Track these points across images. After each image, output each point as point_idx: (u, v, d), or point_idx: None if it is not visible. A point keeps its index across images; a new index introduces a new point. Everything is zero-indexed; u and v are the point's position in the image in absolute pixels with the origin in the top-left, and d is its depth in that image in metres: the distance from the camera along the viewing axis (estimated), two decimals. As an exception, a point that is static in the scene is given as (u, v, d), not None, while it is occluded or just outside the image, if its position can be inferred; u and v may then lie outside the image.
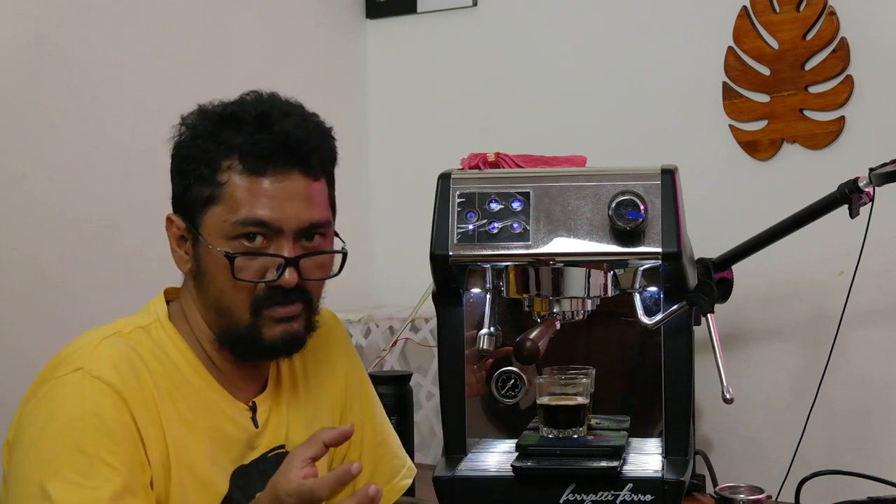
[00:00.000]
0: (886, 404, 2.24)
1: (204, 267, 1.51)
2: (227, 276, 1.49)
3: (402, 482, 1.80)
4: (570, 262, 1.81)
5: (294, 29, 2.73)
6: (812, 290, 2.30)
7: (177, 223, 1.54)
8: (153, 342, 1.52)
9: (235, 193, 1.49)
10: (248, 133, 1.50)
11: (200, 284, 1.53)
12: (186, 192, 1.52)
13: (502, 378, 2.00)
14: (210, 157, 1.50)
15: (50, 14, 2.20)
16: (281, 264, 1.50)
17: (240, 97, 1.56)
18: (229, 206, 1.49)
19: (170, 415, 1.48)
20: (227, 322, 1.52)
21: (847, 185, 1.96)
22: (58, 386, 1.44)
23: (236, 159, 1.49)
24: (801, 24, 2.29)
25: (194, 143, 1.52)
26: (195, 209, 1.51)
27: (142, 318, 1.56)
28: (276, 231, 1.49)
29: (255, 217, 1.48)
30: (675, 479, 1.79)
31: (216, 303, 1.52)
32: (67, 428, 1.40)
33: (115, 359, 1.46)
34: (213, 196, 1.50)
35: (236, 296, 1.50)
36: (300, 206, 1.51)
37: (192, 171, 1.51)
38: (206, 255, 1.51)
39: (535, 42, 2.65)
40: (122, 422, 1.43)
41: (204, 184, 1.50)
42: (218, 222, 1.49)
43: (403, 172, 2.82)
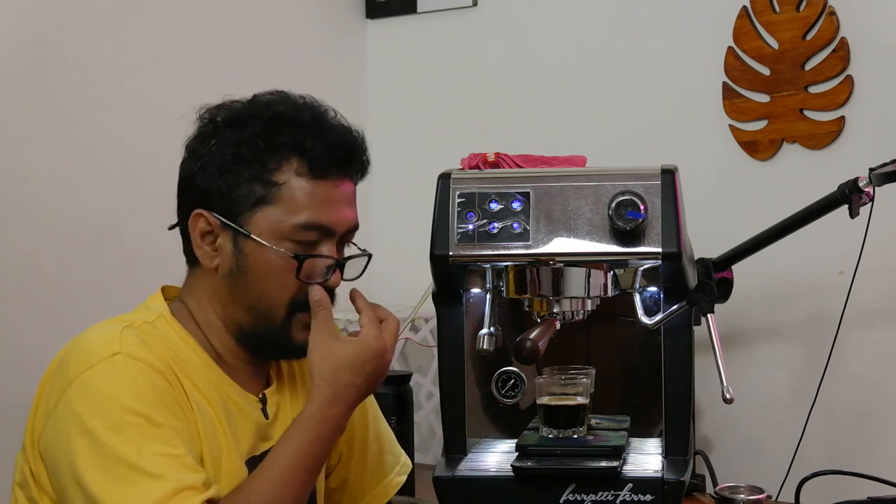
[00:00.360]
0: (886, 404, 2.24)
1: (249, 265, 1.51)
2: (281, 276, 1.51)
3: (396, 478, 1.80)
4: (570, 262, 1.81)
5: (294, 29, 2.73)
6: (812, 290, 2.30)
7: (208, 219, 1.52)
8: (161, 336, 1.52)
9: (296, 196, 1.51)
10: (310, 136, 1.52)
11: (236, 282, 1.53)
12: (231, 190, 1.51)
13: (502, 378, 2.00)
14: (265, 157, 1.51)
15: (50, 14, 2.20)
16: (332, 266, 1.55)
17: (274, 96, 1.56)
18: (288, 207, 1.50)
19: (195, 396, 1.49)
20: (260, 321, 1.54)
21: (847, 185, 1.96)
22: (100, 372, 1.41)
23: (298, 161, 1.51)
24: (801, 24, 2.29)
25: (247, 142, 1.51)
26: (240, 207, 1.51)
27: (144, 314, 1.55)
28: (328, 234, 1.54)
29: (318, 221, 1.52)
30: (675, 479, 1.79)
31: (255, 301, 1.53)
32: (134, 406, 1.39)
33: (141, 344, 1.46)
34: (267, 196, 1.50)
35: (282, 295, 1.52)
36: (348, 210, 1.57)
37: (242, 169, 1.51)
38: (255, 253, 1.51)
39: (535, 42, 2.65)
40: (173, 397, 1.44)
41: (256, 183, 1.50)
42: (273, 222, 1.50)
43: (403, 172, 2.81)
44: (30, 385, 1.51)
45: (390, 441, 1.82)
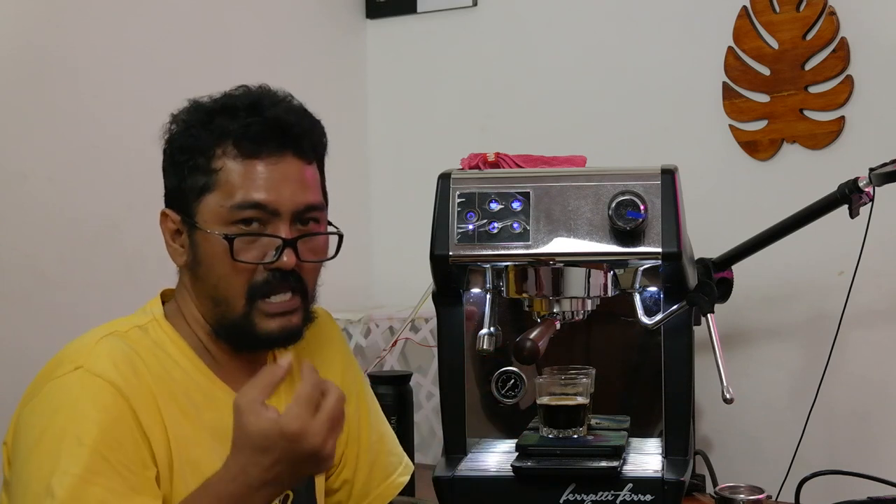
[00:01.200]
0: (886, 404, 2.24)
1: (201, 255, 1.52)
2: (225, 261, 1.49)
3: (399, 479, 1.80)
4: (570, 262, 1.81)
5: (294, 29, 2.73)
6: (812, 290, 2.30)
7: (171, 217, 1.55)
8: (151, 341, 1.52)
9: (231, 178, 1.50)
10: (241, 119, 1.51)
11: (196, 275, 1.54)
12: (181, 184, 1.53)
13: (502, 378, 2.00)
14: (203, 145, 1.51)
15: (50, 14, 2.20)
16: (279, 245, 1.50)
17: (230, 90, 1.58)
18: (225, 191, 1.50)
19: (171, 412, 1.48)
20: (223, 311, 1.53)
21: (847, 185, 1.96)
22: (58, 385, 1.44)
23: (230, 145, 1.51)
24: (801, 24, 2.29)
25: (187, 134, 1.53)
26: (190, 199, 1.52)
27: (138, 318, 1.56)
28: (272, 213, 1.51)
29: (252, 199, 1.50)
30: (675, 479, 1.79)
31: (213, 291, 1.52)
32: (70, 425, 1.40)
33: (114, 357, 1.46)
34: (208, 184, 1.51)
35: (234, 281, 1.51)
36: (295, 189, 1.52)
37: (186, 161, 1.52)
38: (203, 242, 1.51)
39: (535, 42, 2.65)
40: (122, 419, 1.43)
41: (198, 173, 1.51)
42: (214, 208, 1.50)
43: (403, 172, 2.82)
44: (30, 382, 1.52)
45: (392, 442, 1.82)
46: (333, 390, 1.38)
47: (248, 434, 1.35)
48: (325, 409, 1.36)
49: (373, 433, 1.77)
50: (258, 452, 1.35)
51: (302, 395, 1.36)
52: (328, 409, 1.36)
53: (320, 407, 1.36)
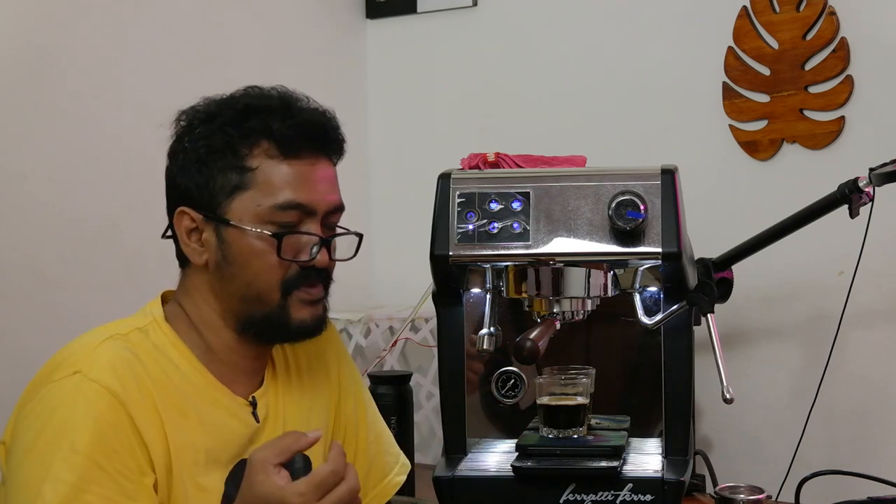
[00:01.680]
0: (886, 404, 2.24)
1: (233, 253, 1.52)
2: (265, 258, 1.51)
3: (396, 478, 1.80)
4: (570, 262, 1.81)
5: (294, 29, 2.73)
6: (812, 290, 2.30)
7: (191, 215, 1.53)
8: (151, 344, 1.52)
9: (271, 178, 1.51)
10: (278, 118, 1.52)
11: (224, 273, 1.53)
12: (208, 183, 1.52)
13: (502, 378, 2.00)
14: (236, 144, 1.52)
15: (50, 14, 2.20)
16: (317, 243, 1.53)
17: (246, 90, 1.58)
18: (263, 190, 1.51)
19: (171, 417, 1.48)
20: (255, 307, 1.54)
21: (847, 185, 1.96)
22: (55, 389, 1.43)
23: (268, 144, 1.52)
24: (801, 24, 2.29)
25: (217, 133, 1.53)
26: (219, 198, 1.52)
27: (139, 319, 1.56)
28: (309, 213, 1.53)
29: (294, 199, 1.52)
30: (675, 479, 1.79)
31: (245, 288, 1.53)
32: (64, 430, 1.40)
33: (113, 362, 1.46)
34: (242, 182, 1.51)
35: (270, 277, 1.52)
36: (328, 189, 1.56)
37: (216, 160, 1.52)
38: (237, 240, 1.51)
39: (535, 42, 2.65)
40: (119, 426, 1.43)
41: (230, 171, 1.51)
42: (251, 207, 1.51)
43: (403, 172, 2.82)
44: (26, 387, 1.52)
45: (389, 441, 1.82)
46: (350, 481, 1.41)
47: (254, 492, 1.39)
48: (332, 496, 1.40)
49: (370, 433, 1.77)
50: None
51: (317, 475, 1.40)
52: (335, 497, 1.40)
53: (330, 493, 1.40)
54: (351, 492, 1.41)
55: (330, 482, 1.40)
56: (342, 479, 1.41)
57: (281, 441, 1.42)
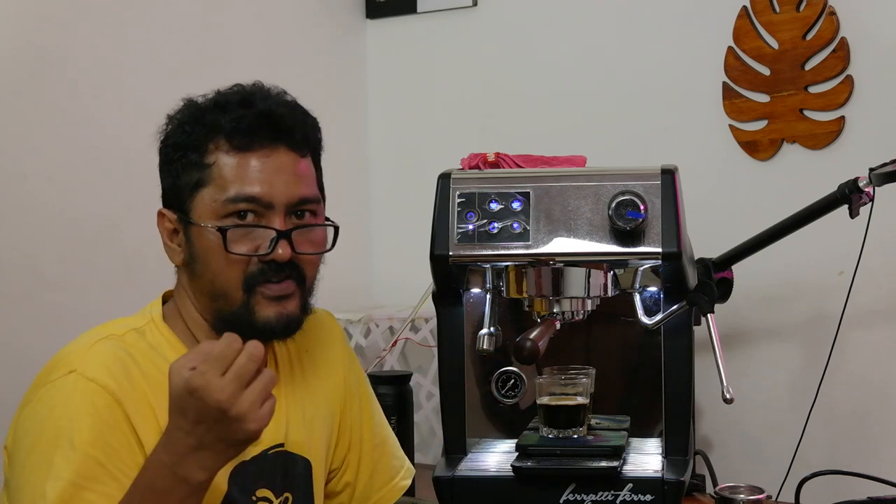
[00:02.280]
0: (886, 404, 2.24)
1: (196, 250, 1.52)
2: (220, 254, 1.49)
3: (401, 482, 1.80)
4: (570, 262, 1.81)
5: (294, 29, 2.73)
6: (812, 290, 2.30)
7: (168, 216, 1.54)
8: (147, 344, 1.52)
9: (224, 172, 1.50)
10: (232, 114, 1.51)
11: (193, 271, 1.53)
12: (175, 182, 1.53)
13: (502, 378, 2.00)
14: (196, 141, 1.52)
15: (50, 14, 2.20)
16: (273, 237, 1.50)
17: (224, 89, 1.58)
18: (218, 185, 1.50)
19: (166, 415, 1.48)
20: (222, 305, 1.52)
21: (847, 185, 1.96)
22: (52, 390, 1.44)
23: (222, 139, 1.51)
24: (801, 24, 2.29)
25: (180, 131, 1.53)
26: (185, 196, 1.52)
27: (137, 319, 1.56)
28: (266, 206, 1.50)
29: (245, 193, 1.49)
30: (675, 479, 1.79)
31: (210, 286, 1.52)
32: (63, 429, 1.40)
33: (107, 361, 1.46)
34: (201, 179, 1.51)
35: (230, 274, 1.50)
36: (289, 181, 1.52)
37: (180, 158, 1.52)
38: (198, 237, 1.51)
39: (535, 42, 2.65)
40: (115, 423, 1.43)
41: (192, 169, 1.51)
42: (208, 203, 1.50)
43: (403, 172, 2.81)
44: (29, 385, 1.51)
45: (395, 446, 1.81)
46: (248, 349, 1.33)
47: (171, 396, 1.33)
48: (233, 367, 1.31)
49: (375, 436, 1.77)
50: (177, 413, 1.33)
51: (211, 352, 1.32)
52: (237, 366, 1.31)
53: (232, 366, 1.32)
54: (251, 358, 1.32)
55: (228, 355, 1.31)
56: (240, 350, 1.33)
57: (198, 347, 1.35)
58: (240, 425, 1.31)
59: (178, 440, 1.33)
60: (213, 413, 1.30)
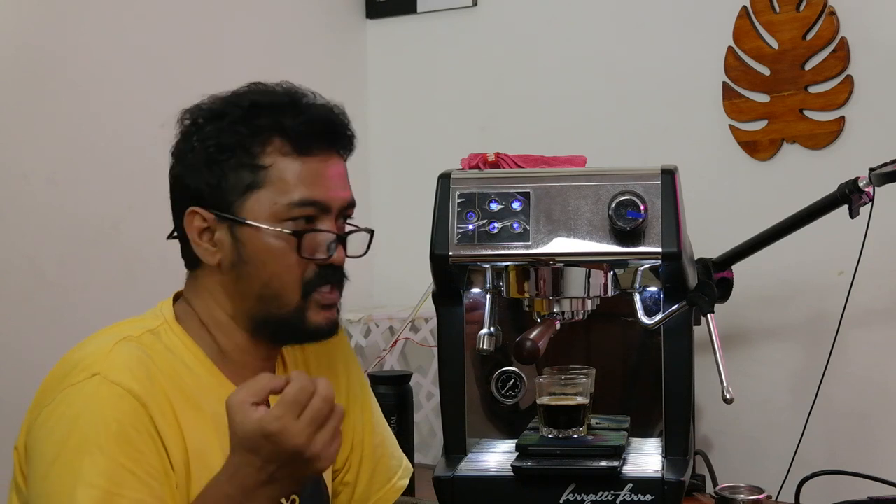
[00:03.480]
0: (886, 404, 2.24)
1: (249, 253, 1.50)
2: (284, 256, 1.49)
3: (399, 482, 1.79)
4: (570, 262, 1.81)
5: (294, 29, 2.73)
6: (812, 290, 2.30)
7: (202, 215, 1.51)
8: (163, 345, 1.50)
9: (285, 175, 1.49)
10: (289, 115, 1.51)
11: (239, 273, 1.51)
12: (220, 182, 1.50)
13: (502, 378, 2.00)
14: (247, 142, 1.50)
15: (50, 14, 2.20)
16: (333, 241, 1.52)
17: (250, 86, 1.56)
18: (278, 188, 1.49)
19: (187, 418, 1.47)
20: (273, 307, 1.51)
21: (847, 185, 1.96)
22: (74, 393, 1.41)
23: (280, 141, 1.50)
24: (801, 24, 2.29)
25: (227, 131, 1.51)
26: (231, 197, 1.50)
27: (150, 321, 1.54)
28: (325, 210, 1.52)
29: (310, 197, 1.50)
30: (675, 479, 1.79)
31: (263, 288, 1.51)
32: (90, 435, 1.38)
33: (130, 363, 1.44)
34: (256, 181, 1.49)
35: (290, 277, 1.50)
36: (341, 186, 1.55)
37: (227, 159, 1.50)
38: (254, 239, 1.50)
39: (535, 42, 2.65)
40: (143, 428, 1.41)
41: (243, 169, 1.49)
42: (266, 205, 1.49)
43: (403, 172, 2.81)
44: (30, 385, 1.51)
45: (393, 445, 1.81)
46: (321, 391, 1.36)
47: (237, 434, 1.35)
48: (308, 409, 1.34)
49: (375, 437, 1.76)
50: (247, 452, 1.34)
51: (286, 396, 1.34)
52: (312, 410, 1.34)
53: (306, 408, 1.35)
54: (325, 401, 1.35)
55: (302, 398, 1.34)
56: (313, 392, 1.35)
57: (254, 382, 1.37)
58: (312, 464, 1.36)
59: (248, 475, 1.35)
60: (288, 454, 1.34)
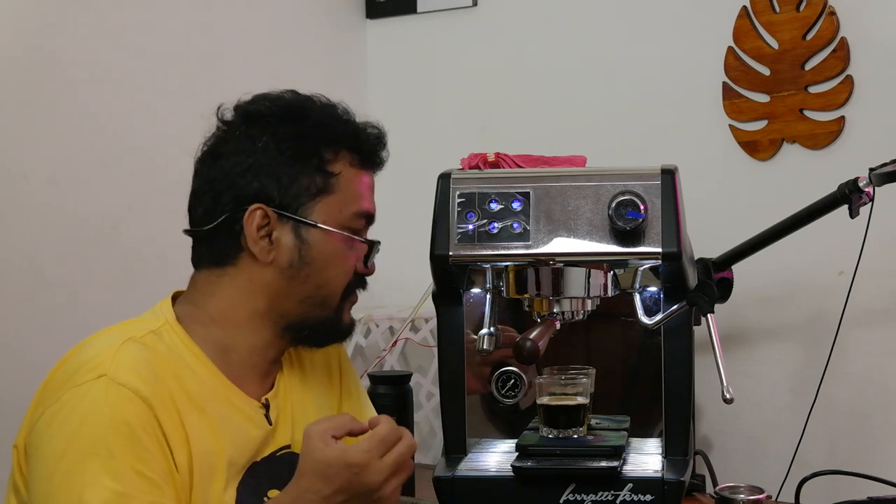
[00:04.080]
0: (886, 404, 2.24)
1: (313, 255, 1.55)
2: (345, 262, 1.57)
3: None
4: (570, 262, 1.81)
5: (294, 29, 2.73)
6: (812, 290, 2.30)
7: (266, 212, 1.53)
8: (165, 346, 1.51)
9: (352, 186, 1.58)
10: (360, 130, 1.60)
11: (296, 273, 1.55)
12: (291, 183, 1.54)
13: (502, 378, 2.00)
14: (323, 149, 1.56)
15: (50, 14, 2.20)
16: (368, 252, 1.62)
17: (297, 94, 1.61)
18: (346, 196, 1.57)
19: (190, 419, 1.47)
20: (315, 310, 1.58)
21: (847, 185, 1.96)
22: (80, 393, 1.41)
23: (349, 153, 1.58)
24: (801, 24, 2.29)
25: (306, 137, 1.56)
26: (301, 199, 1.55)
27: (150, 321, 1.54)
28: (371, 222, 1.62)
29: (368, 209, 1.61)
30: (675, 479, 1.79)
31: (314, 290, 1.56)
32: (98, 436, 1.38)
33: (136, 364, 1.44)
34: (326, 186, 1.55)
35: (341, 281, 1.58)
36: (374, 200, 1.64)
37: (303, 162, 1.55)
38: (321, 242, 1.55)
39: (535, 42, 2.65)
40: (150, 429, 1.42)
41: (316, 174, 1.55)
42: (334, 211, 1.56)
43: (403, 172, 2.80)
44: (30, 385, 1.51)
45: None
46: (408, 438, 1.44)
47: (315, 459, 1.39)
48: (394, 451, 1.42)
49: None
50: (320, 479, 1.39)
51: (377, 433, 1.42)
52: (397, 453, 1.42)
53: (391, 450, 1.42)
54: (410, 448, 1.44)
55: (391, 439, 1.42)
56: (401, 437, 1.43)
57: (339, 418, 1.45)
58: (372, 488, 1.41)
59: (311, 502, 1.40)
60: (361, 489, 1.41)
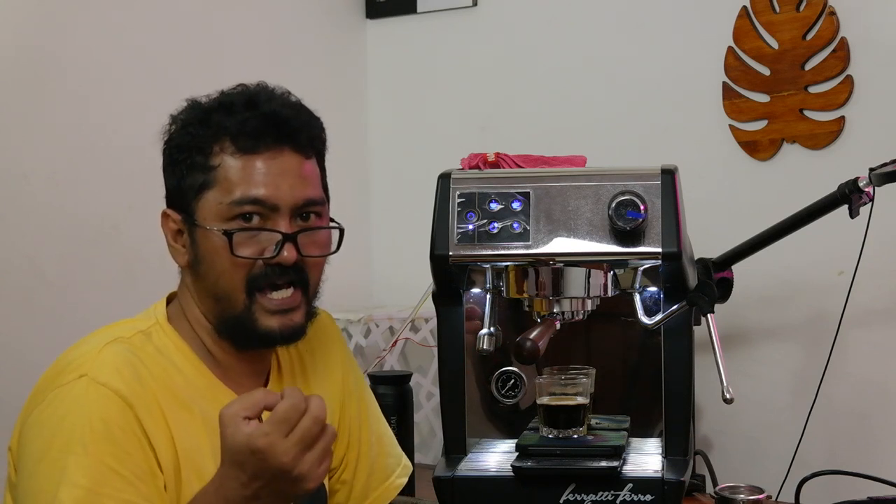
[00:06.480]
0: (886, 404, 2.24)
1: (201, 252, 1.51)
2: (225, 256, 1.49)
3: (398, 480, 1.80)
4: (570, 262, 1.81)
5: (294, 29, 2.73)
6: (812, 290, 2.30)
7: (172, 217, 1.54)
8: (154, 347, 1.52)
9: (229, 175, 1.50)
10: (237, 115, 1.51)
11: (198, 273, 1.53)
12: (180, 183, 1.52)
13: (502, 378, 2.00)
14: (201, 143, 1.51)
15: (50, 14, 2.20)
16: (279, 240, 1.50)
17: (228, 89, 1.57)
18: (224, 187, 1.50)
19: (176, 419, 1.48)
20: (225, 307, 1.52)
21: (847, 185, 1.96)
22: (62, 394, 1.42)
23: (227, 141, 1.50)
24: (801, 24, 2.29)
25: (185, 133, 1.53)
26: (189, 198, 1.52)
27: (142, 322, 1.55)
28: (272, 209, 1.50)
29: (251, 195, 1.49)
30: (675, 479, 1.79)
31: (214, 287, 1.52)
32: (75, 435, 1.39)
33: (118, 364, 1.45)
34: (206, 181, 1.50)
35: (234, 276, 1.50)
36: (294, 183, 1.52)
37: (185, 160, 1.52)
38: (203, 239, 1.51)
39: (535, 42, 2.65)
40: (129, 429, 1.42)
41: (197, 171, 1.51)
42: (213, 205, 1.50)
43: (403, 172, 2.81)
44: (30, 385, 1.51)
45: (391, 443, 1.81)
46: (312, 410, 1.34)
47: (226, 447, 1.35)
48: (298, 428, 1.33)
49: (372, 435, 1.77)
50: (234, 466, 1.34)
51: (276, 413, 1.34)
52: (301, 430, 1.33)
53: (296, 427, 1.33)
54: (316, 421, 1.34)
55: (292, 416, 1.33)
56: (304, 411, 1.34)
57: (250, 396, 1.37)
58: (298, 484, 1.35)
59: (233, 489, 1.35)
60: (273, 472, 1.33)
